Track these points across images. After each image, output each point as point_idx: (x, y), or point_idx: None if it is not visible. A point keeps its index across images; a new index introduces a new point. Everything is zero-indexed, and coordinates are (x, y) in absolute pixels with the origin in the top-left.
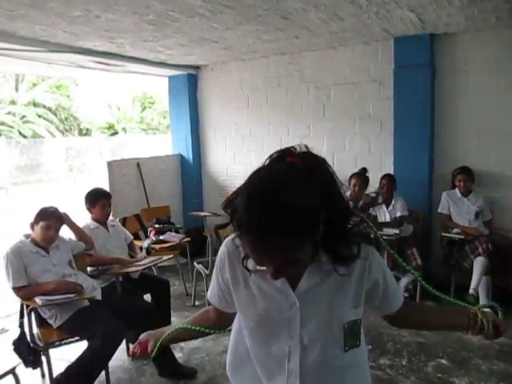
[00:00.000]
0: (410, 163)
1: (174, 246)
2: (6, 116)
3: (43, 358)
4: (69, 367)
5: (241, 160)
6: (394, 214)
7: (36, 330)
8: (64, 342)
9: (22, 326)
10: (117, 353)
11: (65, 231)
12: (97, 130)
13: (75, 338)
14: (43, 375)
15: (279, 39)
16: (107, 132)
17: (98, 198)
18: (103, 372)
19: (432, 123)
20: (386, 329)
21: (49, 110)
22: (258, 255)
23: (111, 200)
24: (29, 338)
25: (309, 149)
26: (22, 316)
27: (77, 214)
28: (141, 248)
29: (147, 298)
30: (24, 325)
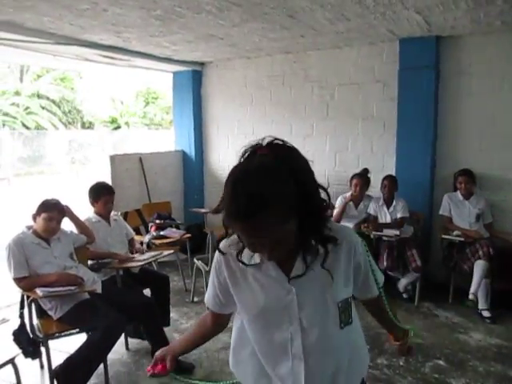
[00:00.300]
0: (412, 165)
1: (174, 242)
2: (10, 107)
3: (43, 349)
4: (68, 359)
5: None
6: (395, 215)
7: (36, 321)
8: (63, 333)
9: (22, 316)
10: (115, 346)
11: (66, 224)
12: (100, 124)
13: (75, 330)
14: (42, 366)
15: (285, 38)
16: (110, 126)
17: (102, 193)
18: (101, 365)
19: (435, 125)
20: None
21: (52, 102)
22: (250, 238)
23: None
24: (29, 328)
25: (277, 139)
26: (22, 307)
27: (78, 207)
28: (141, 243)
29: (147, 292)
30: (24, 315)
